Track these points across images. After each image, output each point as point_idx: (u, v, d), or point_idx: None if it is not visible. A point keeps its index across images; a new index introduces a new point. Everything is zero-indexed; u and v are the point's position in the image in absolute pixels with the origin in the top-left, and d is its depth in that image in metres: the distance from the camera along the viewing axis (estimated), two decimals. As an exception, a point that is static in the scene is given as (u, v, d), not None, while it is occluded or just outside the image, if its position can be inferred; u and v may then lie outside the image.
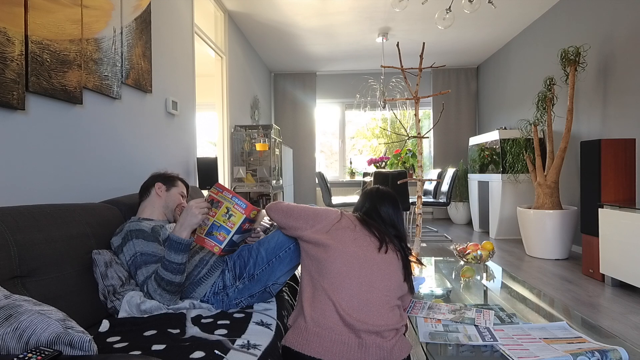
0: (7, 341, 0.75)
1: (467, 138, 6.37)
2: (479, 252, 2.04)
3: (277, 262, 1.37)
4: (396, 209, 1.34)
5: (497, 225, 4.54)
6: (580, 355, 0.96)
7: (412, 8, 4.16)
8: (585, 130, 3.64)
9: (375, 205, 1.33)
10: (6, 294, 0.86)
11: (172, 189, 1.62)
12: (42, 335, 0.76)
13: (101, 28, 1.93)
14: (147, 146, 2.44)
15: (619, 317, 2.15)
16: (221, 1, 3.98)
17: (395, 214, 1.33)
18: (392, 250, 1.22)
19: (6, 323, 0.77)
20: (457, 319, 1.25)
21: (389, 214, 1.32)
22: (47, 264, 1.15)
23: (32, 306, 0.82)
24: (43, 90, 1.55)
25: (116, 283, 1.30)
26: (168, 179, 1.63)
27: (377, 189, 1.39)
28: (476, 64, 6.28)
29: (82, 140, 1.83)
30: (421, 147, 2.63)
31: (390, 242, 1.24)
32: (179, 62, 2.93)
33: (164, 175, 1.64)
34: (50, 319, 0.79)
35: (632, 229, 2.44)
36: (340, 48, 5.47)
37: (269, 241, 1.39)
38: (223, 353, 0.98)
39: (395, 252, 1.23)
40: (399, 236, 1.28)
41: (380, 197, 1.35)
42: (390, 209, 1.33)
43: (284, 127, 6.53)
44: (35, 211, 1.21)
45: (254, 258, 1.38)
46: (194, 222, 1.27)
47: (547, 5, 4.13)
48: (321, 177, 4.78)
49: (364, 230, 1.24)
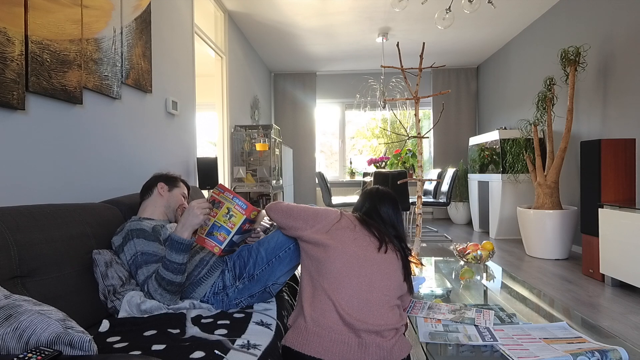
0: (7, 341, 0.75)
1: (467, 138, 6.37)
2: (479, 252, 2.04)
3: (277, 262, 1.37)
4: (396, 209, 1.34)
5: (497, 225, 4.54)
6: (580, 355, 0.96)
7: (412, 8, 4.16)
8: (585, 130, 3.64)
9: (375, 206, 1.33)
10: (6, 293, 0.86)
11: (174, 189, 1.63)
12: (42, 335, 0.76)
13: (101, 28, 1.93)
14: (147, 146, 2.44)
15: (619, 317, 2.15)
16: (221, 1, 3.98)
17: (395, 214, 1.33)
18: (391, 250, 1.22)
19: (6, 323, 0.77)
20: (457, 319, 1.25)
21: (388, 214, 1.32)
22: (47, 264, 1.15)
23: (32, 306, 0.82)
24: (43, 90, 1.55)
25: (116, 283, 1.30)
26: (170, 180, 1.65)
27: (377, 189, 1.39)
28: (476, 64, 6.28)
29: (82, 140, 1.83)
30: (421, 147, 2.63)
31: (390, 242, 1.24)
32: (179, 62, 2.93)
33: (167, 176, 1.65)
34: (50, 319, 0.79)
35: (632, 229, 2.44)
36: (340, 48, 5.47)
37: (268, 241, 1.39)
38: (223, 353, 0.98)
39: (395, 252, 1.23)
40: (398, 236, 1.28)
41: (380, 198, 1.35)
42: (390, 209, 1.33)
43: (284, 127, 6.53)
44: (35, 211, 1.21)
45: (253, 258, 1.38)
46: (195, 222, 1.27)
47: (547, 5, 4.13)
48: (321, 177, 4.78)
49: (364, 230, 1.24)
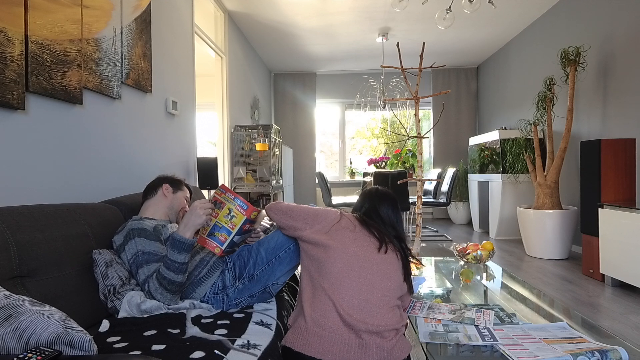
0: (7, 341, 0.75)
1: (467, 138, 6.37)
2: (479, 252, 2.04)
3: (277, 262, 1.37)
4: (395, 209, 1.34)
5: (497, 225, 4.54)
6: (580, 355, 0.96)
7: (412, 8, 4.16)
8: (585, 130, 3.64)
9: (375, 206, 1.33)
10: (6, 293, 0.86)
11: (178, 192, 1.65)
12: (42, 335, 0.76)
13: (101, 28, 1.93)
14: (147, 146, 2.44)
15: (619, 317, 2.15)
16: (221, 1, 3.98)
17: (394, 214, 1.33)
18: (391, 250, 1.22)
19: (6, 323, 0.77)
20: (457, 319, 1.25)
21: (388, 215, 1.32)
22: (47, 263, 1.15)
23: (32, 306, 0.82)
24: (43, 90, 1.55)
25: (116, 283, 1.30)
26: (175, 182, 1.67)
27: (377, 189, 1.39)
28: (476, 64, 6.28)
29: (82, 140, 1.83)
30: (421, 147, 2.63)
31: (390, 242, 1.24)
32: (179, 62, 2.93)
33: (172, 178, 1.68)
34: (50, 319, 0.79)
35: (632, 229, 2.44)
36: (340, 48, 5.47)
37: (268, 241, 1.39)
38: (223, 353, 0.98)
39: (395, 252, 1.23)
40: (398, 236, 1.28)
41: (380, 198, 1.35)
42: (389, 209, 1.33)
43: (284, 127, 6.53)
44: (35, 211, 1.21)
45: (253, 258, 1.38)
46: (198, 222, 1.27)
47: (547, 5, 4.13)
48: (321, 177, 4.78)
49: (364, 230, 1.24)
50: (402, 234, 1.30)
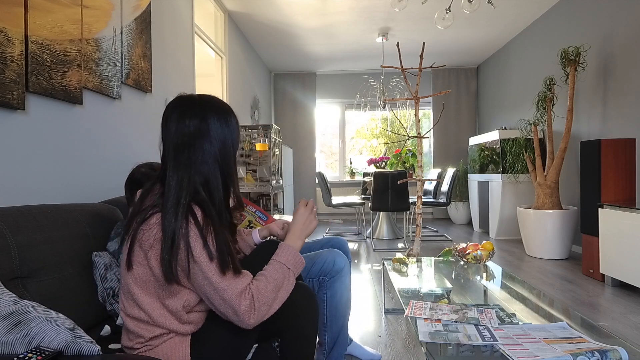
0: (17, 347, 0.74)
1: (467, 138, 6.36)
2: (479, 252, 2.04)
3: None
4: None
5: (497, 225, 4.54)
6: (580, 355, 0.96)
7: (412, 8, 4.16)
8: (585, 130, 3.64)
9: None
10: (14, 298, 0.86)
11: None
12: (52, 344, 0.75)
13: (101, 28, 1.93)
14: (147, 146, 2.44)
15: (619, 317, 2.15)
16: (221, 1, 3.98)
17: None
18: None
19: (15, 329, 0.76)
20: (460, 319, 1.25)
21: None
22: (48, 264, 1.15)
23: (41, 313, 0.81)
24: (43, 90, 1.55)
25: (115, 286, 1.30)
26: None
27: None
28: (476, 64, 6.28)
29: (82, 140, 1.83)
30: (421, 147, 2.63)
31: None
32: (179, 62, 2.93)
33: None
34: (59, 327, 0.78)
35: (632, 229, 2.44)
36: (340, 48, 5.47)
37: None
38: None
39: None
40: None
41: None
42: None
43: (284, 127, 6.53)
44: (36, 211, 1.21)
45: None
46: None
47: (547, 5, 4.13)
48: (321, 177, 4.78)
49: None
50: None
